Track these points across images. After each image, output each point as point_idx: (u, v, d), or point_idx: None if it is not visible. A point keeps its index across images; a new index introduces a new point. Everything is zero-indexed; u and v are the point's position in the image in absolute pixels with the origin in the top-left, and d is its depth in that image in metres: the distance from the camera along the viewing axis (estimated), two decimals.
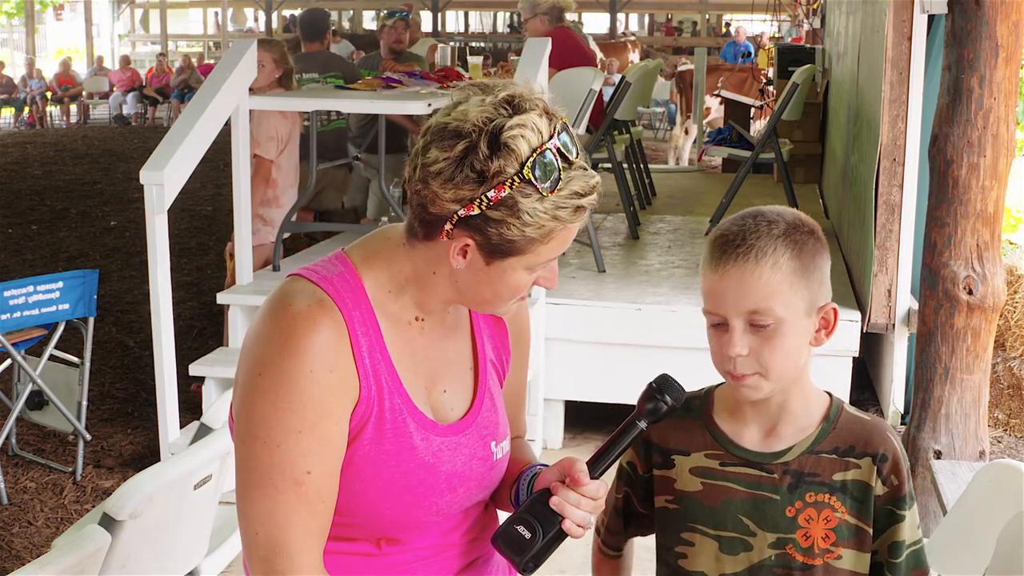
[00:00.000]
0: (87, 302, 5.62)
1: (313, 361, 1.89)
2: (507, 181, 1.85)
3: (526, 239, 1.89)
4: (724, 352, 2.04)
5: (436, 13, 34.71)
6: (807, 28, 15.13)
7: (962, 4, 4.85)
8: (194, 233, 11.80)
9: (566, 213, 1.89)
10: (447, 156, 1.86)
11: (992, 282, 4.94)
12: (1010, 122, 4.91)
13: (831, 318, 2.09)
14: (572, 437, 6.21)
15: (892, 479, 2.07)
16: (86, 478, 5.65)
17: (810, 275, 2.04)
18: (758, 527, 2.10)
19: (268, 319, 1.94)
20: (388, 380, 1.97)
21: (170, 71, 27.89)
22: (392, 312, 2.01)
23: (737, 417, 2.15)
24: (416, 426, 1.99)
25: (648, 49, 28.85)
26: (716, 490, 2.13)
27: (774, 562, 2.09)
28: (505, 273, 1.94)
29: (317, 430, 1.89)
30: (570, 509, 1.97)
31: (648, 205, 9.40)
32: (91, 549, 2.88)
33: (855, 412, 2.15)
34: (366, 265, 2.01)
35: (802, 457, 2.09)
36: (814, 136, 10.87)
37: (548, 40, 6.18)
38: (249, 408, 1.92)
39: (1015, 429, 6.31)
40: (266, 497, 1.90)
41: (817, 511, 2.08)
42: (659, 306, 6.02)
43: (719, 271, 2.04)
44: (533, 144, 1.85)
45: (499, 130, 1.85)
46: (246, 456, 1.92)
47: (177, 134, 5.38)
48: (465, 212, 1.87)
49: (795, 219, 2.07)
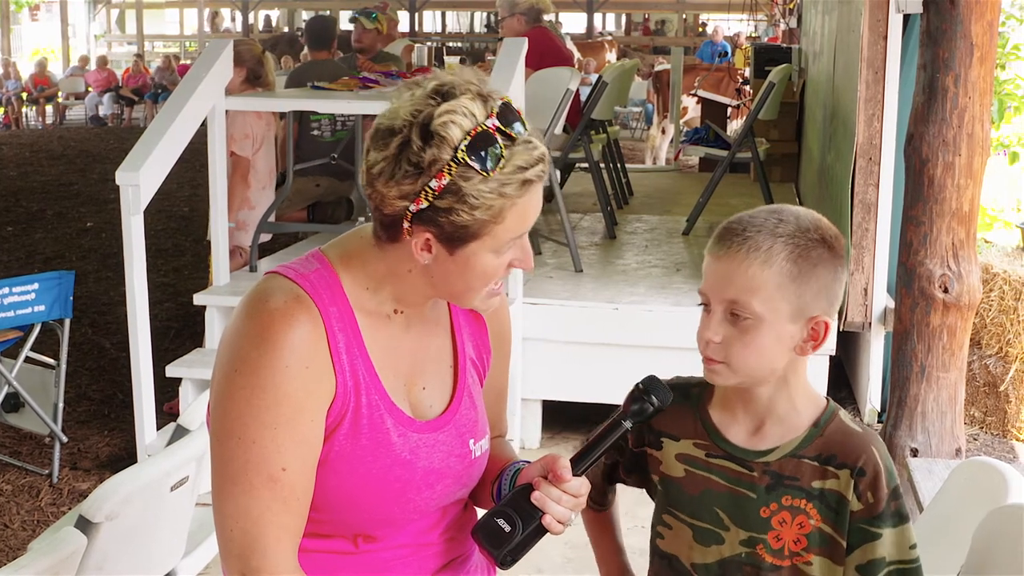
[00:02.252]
0: (63, 303, 5.60)
1: (289, 357, 1.89)
2: (444, 168, 1.86)
3: (478, 222, 1.90)
4: (701, 333, 2.07)
5: (413, 13, 34.69)
6: (784, 28, 15.18)
7: (937, 4, 4.86)
8: (170, 234, 11.76)
9: (512, 189, 1.90)
10: (384, 155, 1.89)
11: (968, 280, 4.96)
12: (985, 121, 4.92)
13: (821, 331, 2.06)
14: (550, 437, 6.21)
15: (868, 496, 2.04)
16: (62, 480, 5.63)
17: (805, 282, 2.02)
18: (732, 522, 2.10)
19: (245, 315, 1.94)
20: (366, 376, 1.98)
21: (147, 72, 27.79)
22: (370, 308, 2.01)
23: (729, 411, 2.15)
24: (393, 422, 2.00)
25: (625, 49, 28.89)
26: (698, 479, 2.14)
27: (744, 559, 2.09)
28: (471, 260, 1.94)
29: (292, 426, 1.90)
30: (551, 505, 1.98)
31: (625, 205, 9.41)
32: (67, 551, 2.87)
33: (849, 422, 2.11)
34: (343, 264, 2.02)
35: (784, 460, 2.08)
36: (791, 135, 10.89)
37: (525, 40, 6.18)
38: (225, 404, 1.92)
39: (991, 427, 6.33)
40: (241, 494, 1.90)
41: (791, 515, 2.07)
42: (636, 305, 6.03)
43: (715, 255, 2.06)
44: (466, 127, 1.87)
45: (429, 120, 1.87)
46: (221, 453, 1.92)
47: (153, 135, 5.37)
48: (415, 207, 1.89)
49: (811, 224, 2.05)
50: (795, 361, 2.09)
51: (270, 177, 7.04)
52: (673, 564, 2.17)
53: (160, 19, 45.23)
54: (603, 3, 35.96)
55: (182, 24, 44.23)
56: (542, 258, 7.08)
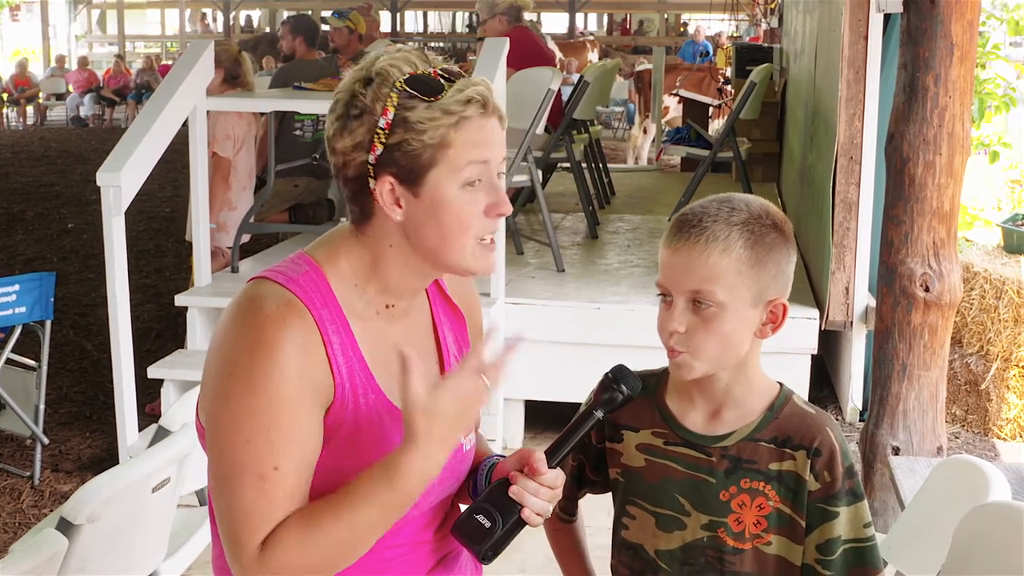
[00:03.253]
0: (44, 305, 5.58)
1: (285, 363, 1.89)
2: (387, 101, 1.91)
3: (429, 148, 1.92)
4: (663, 326, 2.09)
5: (395, 13, 34.61)
6: (765, 27, 15.21)
7: (917, 3, 4.88)
8: (152, 235, 11.73)
9: (457, 106, 1.92)
10: (335, 115, 1.97)
11: (948, 279, 4.97)
12: (965, 120, 4.94)
13: (779, 313, 2.12)
14: (532, 436, 6.21)
15: (825, 475, 2.09)
16: (44, 482, 5.61)
17: (762, 267, 2.08)
18: (693, 508, 2.14)
19: (237, 322, 1.94)
20: (361, 376, 1.98)
21: (128, 72, 27.70)
22: (359, 307, 2.02)
23: (685, 398, 2.18)
24: (392, 421, 2.00)
25: (607, 48, 28.92)
26: (657, 467, 2.17)
27: (706, 543, 2.13)
28: (436, 197, 1.95)
29: (287, 428, 1.89)
30: (529, 498, 1.99)
31: (607, 204, 9.42)
32: (48, 554, 2.86)
33: (802, 405, 2.16)
34: (329, 263, 2.02)
35: (741, 443, 2.12)
36: (772, 135, 10.92)
37: (506, 40, 6.18)
38: (220, 409, 1.92)
39: (972, 425, 6.36)
40: (231, 492, 1.90)
41: (751, 497, 2.11)
42: (618, 305, 6.04)
43: (672, 247, 2.09)
44: (405, 70, 1.94)
45: (369, 68, 1.96)
46: (216, 453, 1.93)
47: (134, 135, 5.35)
48: (372, 156, 1.93)
49: (761, 210, 2.11)
50: (753, 345, 2.13)
51: (250, 178, 7.03)
52: (638, 553, 2.20)
53: (141, 19, 45.12)
54: (585, 3, 35.98)
55: (163, 24, 44.11)
56: (524, 258, 7.08)
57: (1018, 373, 6.16)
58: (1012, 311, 6.14)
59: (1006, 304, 6.15)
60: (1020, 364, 6.15)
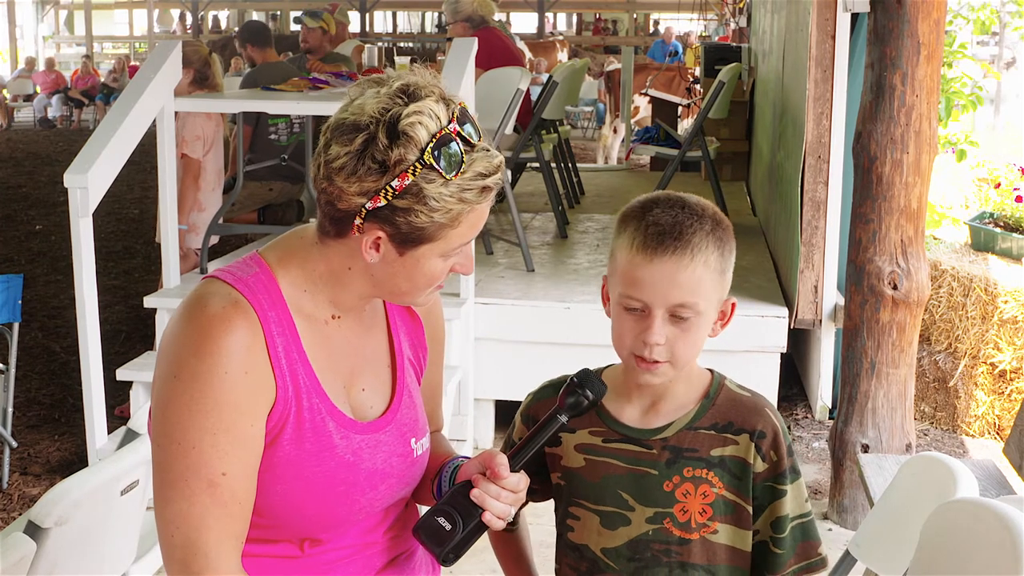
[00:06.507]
0: (12, 307, 5.55)
1: (228, 363, 1.89)
2: (409, 168, 1.87)
3: (435, 225, 1.91)
4: (640, 338, 2.07)
5: (364, 13, 34.57)
6: (733, 27, 15.25)
7: (884, 2, 4.90)
8: (120, 236, 11.68)
9: (472, 195, 1.92)
10: (348, 150, 1.88)
11: (916, 277, 5.00)
12: (932, 119, 4.96)
13: (728, 310, 2.15)
14: (502, 436, 6.16)
15: (771, 455, 2.11)
16: (12, 486, 5.58)
17: (727, 270, 2.11)
18: (637, 502, 2.14)
19: (183, 321, 1.94)
20: (305, 380, 1.98)
21: (96, 73, 27.56)
22: (308, 312, 2.01)
23: (622, 395, 2.19)
24: (335, 425, 2.00)
25: (576, 48, 28.93)
26: (597, 466, 2.17)
27: (652, 537, 2.13)
28: (419, 262, 1.96)
29: (232, 431, 1.89)
30: (490, 501, 2.00)
31: (576, 204, 9.43)
32: (15, 558, 2.85)
33: (736, 389, 2.19)
34: (281, 265, 2.02)
35: (681, 433, 2.14)
36: (741, 134, 10.95)
37: (475, 40, 6.17)
38: (164, 410, 1.91)
39: (941, 422, 6.39)
40: (181, 498, 1.89)
41: (695, 486, 2.11)
42: (588, 304, 6.04)
43: (652, 260, 2.05)
44: (432, 130, 1.87)
45: (396, 119, 1.87)
46: (162, 458, 1.92)
47: (101, 137, 5.32)
48: (372, 204, 1.89)
49: (714, 213, 2.11)
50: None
51: (219, 179, 7.01)
52: (584, 553, 2.19)
53: (109, 20, 44.91)
54: (554, 3, 36.01)
55: (131, 25, 43.92)
56: (493, 258, 7.08)
57: (986, 370, 6.20)
58: (980, 308, 6.17)
59: (974, 302, 6.19)
60: (988, 361, 6.18)
